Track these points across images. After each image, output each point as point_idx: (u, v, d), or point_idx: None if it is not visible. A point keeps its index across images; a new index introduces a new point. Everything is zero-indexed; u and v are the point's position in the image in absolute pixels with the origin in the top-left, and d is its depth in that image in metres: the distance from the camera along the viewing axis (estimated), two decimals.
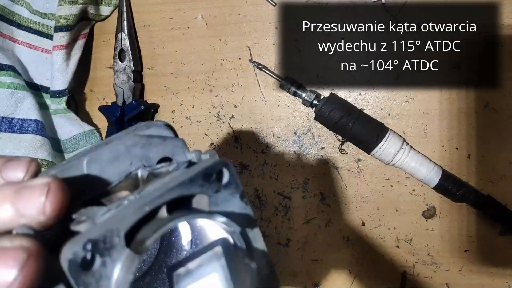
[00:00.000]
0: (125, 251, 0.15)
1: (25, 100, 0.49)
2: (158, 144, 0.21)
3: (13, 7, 0.51)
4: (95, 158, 0.19)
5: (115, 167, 0.19)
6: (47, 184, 0.15)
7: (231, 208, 0.19)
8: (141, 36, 0.52)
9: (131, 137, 0.20)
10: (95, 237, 0.14)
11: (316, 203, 0.49)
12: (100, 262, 0.14)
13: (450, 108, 0.45)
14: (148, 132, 0.21)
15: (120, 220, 0.15)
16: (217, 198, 0.18)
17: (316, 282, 0.50)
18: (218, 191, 0.18)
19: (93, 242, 0.14)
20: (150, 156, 0.21)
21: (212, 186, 0.18)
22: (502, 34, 0.43)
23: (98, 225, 0.15)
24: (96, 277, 0.14)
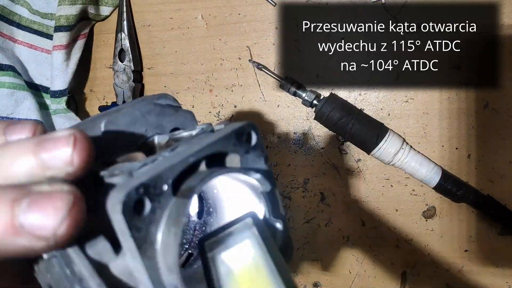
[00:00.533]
0: (172, 199, 0.15)
1: (25, 100, 0.49)
2: (171, 114, 0.21)
3: (13, 7, 0.51)
4: (112, 121, 0.19)
5: (132, 130, 0.20)
6: (72, 134, 0.15)
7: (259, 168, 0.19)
8: (141, 36, 0.52)
9: (146, 104, 0.20)
10: (146, 181, 0.14)
11: (316, 203, 0.49)
12: (150, 207, 0.15)
13: (450, 108, 0.45)
14: (159, 101, 0.21)
15: (168, 169, 0.15)
16: (247, 159, 0.19)
17: (316, 281, 0.50)
18: (248, 153, 0.19)
19: (145, 185, 0.14)
20: (163, 125, 0.21)
21: (243, 146, 0.19)
22: (502, 34, 0.43)
23: (148, 171, 0.15)
24: (146, 222, 0.14)
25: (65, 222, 0.14)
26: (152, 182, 0.15)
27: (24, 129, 0.17)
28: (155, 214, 0.15)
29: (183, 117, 0.22)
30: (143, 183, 0.14)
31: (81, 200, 0.14)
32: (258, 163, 0.20)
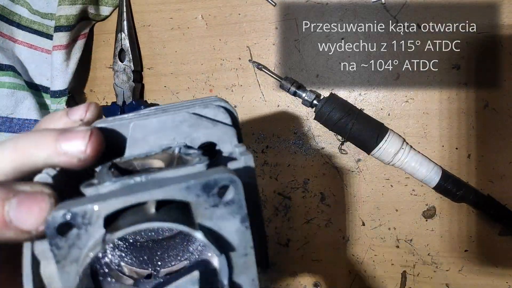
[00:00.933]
0: (101, 231, 0.16)
1: (25, 100, 0.49)
2: (207, 128, 0.21)
3: (13, 7, 0.51)
4: (141, 124, 0.20)
5: (158, 137, 0.20)
6: (89, 130, 0.19)
7: (227, 228, 0.17)
8: (141, 36, 0.52)
9: (182, 113, 0.20)
10: (76, 211, 0.15)
11: (316, 203, 0.49)
12: (76, 232, 0.16)
13: (450, 108, 0.45)
14: (203, 112, 0.21)
15: (107, 204, 0.16)
16: (213, 212, 0.17)
17: (316, 282, 0.50)
18: (216, 206, 0.17)
19: (72, 213, 0.15)
20: (194, 137, 0.21)
21: (210, 199, 0.16)
22: (502, 34, 0.43)
23: (85, 201, 0.16)
24: (68, 243, 0.16)
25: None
26: (81, 212, 0.15)
27: (80, 108, 0.21)
28: (80, 239, 0.16)
29: (221, 132, 0.21)
30: (71, 211, 0.15)
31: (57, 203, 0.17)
32: (228, 220, 0.17)
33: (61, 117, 0.21)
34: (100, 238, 0.16)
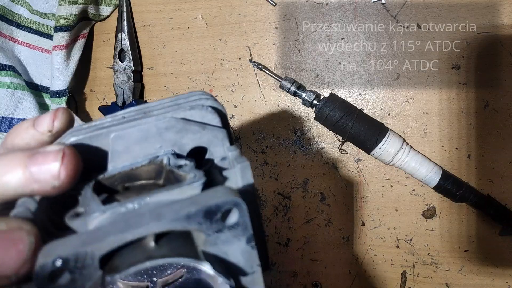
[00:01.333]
0: (98, 272, 0.14)
1: (25, 100, 0.49)
2: (195, 132, 0.19)
3: (13, 7, 0.51)
4: (122, 135, 0.18)
5: (142, 147, 0.18)
6: (61, 150, 0.16)
7: (232, 250, 0.16)
8: (141, 36, 0.52)
9: (167, 119, 0.19)
10: (67, 256, 0.14)
11: (316, 203, 0.49)
12: (69, 278, 0.14)
13: (450, 108, 0.45)
14: (189, 114, 0.19)
15: (102, 245, 0.14)
16: (217, 237, 0.16)
17: (316, 281, 0.50)
18: (220, 231, 0.16)
19: (64, 259, 0.14)
20: (183, 143, 0.19)
21: (214, 225, 0.15)
22: (502, 34, 0.43)
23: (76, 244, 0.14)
24: None
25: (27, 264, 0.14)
26: (73, 256, 0.14)
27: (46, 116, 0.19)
28: (76, 283, 0.14)
29: (211, 135, 0.19)
30: (61, 257, 0.14)
31: (40, 243, 0.15)
32: (234, 243, 0.16)
33: (27, 129, 0.19)
34: (98, 281, 0.14)
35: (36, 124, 0.19)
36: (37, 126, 0.19)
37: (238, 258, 0.16)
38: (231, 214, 0.15)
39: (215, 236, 0.16)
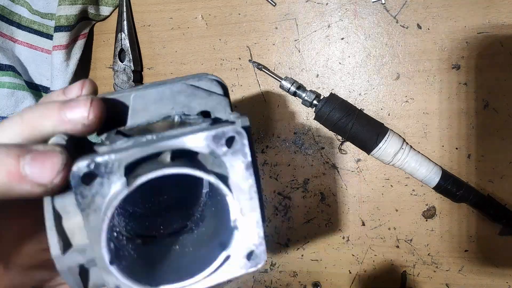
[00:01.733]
0: (122, 179, 0.18)
1: (25, 100, 0.49)
2: (203, 97, 0.23)
3: (13, 7, 0.51)
4: (141, 95, 0.22)
5: (158, 107, 0.22)
6: (90, 98, 0.20)
7: (234, 174, 0.19)
8: (141, 36, 0.53)
9: (179, 84, 0.22)
10: (99, 161, 0.17)
11: (316, 203, 0.49)
12: (99, 181, 0.17)
13: (450, 108, 0.45)
14: (198, 83, 0.23)
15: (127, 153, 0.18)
16: (221, 161, 0.19)
17: (316, 281, 0.50)
18: (224, 155, 0.19)
19: (96, 163, 0.17)
20: (191, 106, 0.23)
21: (219, 148, 0.19)
22: (502, 34, 0.44)
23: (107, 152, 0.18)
24: (92, 192, 0.17)
25: (60, 174, 0.18)
26: (104, 162, 0.17)
27: (75, 86, 0.22)
28: (103, 187, 0.17)
29: (215, 101, 0.23)
30: (95, 161, 0.17)
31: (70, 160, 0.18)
32: (234, 167, 0.19)
33: (58, 96, 0.22)
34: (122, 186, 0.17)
35: (66, 92, 0.22)
36: (67, 94, 0.22)
37: (238, 181, 0.19)
38: (234, 142, 0.19)
39: (220, 160, 0.19)
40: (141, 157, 0.18)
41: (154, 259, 0.22)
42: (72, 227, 0.20)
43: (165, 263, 0.21)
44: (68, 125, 0.20)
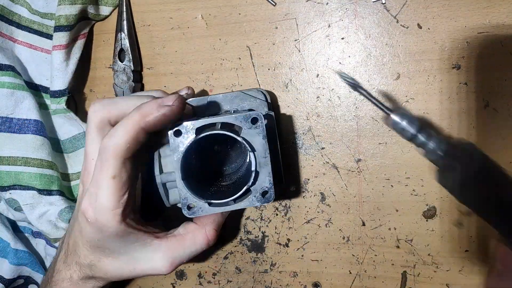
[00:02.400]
0: (193, 135, 0.35)
1: (25, 100, 0.49)
2: (250, 101, 0.43)
3: (12, 7, 0.52)
4: (214, 99, 0.43)
5: (223, 105, 0.43)
6: (178, 95, 0.36)
7: (255, 141, 0.36)
8: (141, 36, 0.53)
9: (237, 92, 0.42)
10: (184, 125, 0.35)
11: (316, 203, 0.50)
12: (182, 135, 0.35)
13: (450, 108, 0.46)
14: (248, 92, 0.43)
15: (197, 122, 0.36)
16: (248, 132, 0.36)
17: (316, 282, 0.50)
18: (250, 128, 0.35)
19: (182, 126, 0.35)
20: (243, 105, 0.43)
21: (247, 125, 0.35)
22: (503, 34, 0.44)
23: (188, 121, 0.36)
24: (178, 141, 0.35)
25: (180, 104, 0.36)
26: (185, 125, 0.35)
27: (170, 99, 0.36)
28: (183, 139, 0.35)
29: (257, 103, 0.43)
30: (182, 124, 0.35)
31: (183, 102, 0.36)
32: (256, 137, 0.36)
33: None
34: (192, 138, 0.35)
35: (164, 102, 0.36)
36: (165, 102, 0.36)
37: (258, 146, 0.36)
38: (257, 121, 0.35)
39: (247, 131, 0.35)
40: (204, 124, 0.35)
41: (209, 188, 0.40)
42: (165, 162, 0.40)
43: (214, 192, 0.39)
44: (162, 109, 0.35)
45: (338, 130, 0.48)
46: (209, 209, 0.37)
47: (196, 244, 0.40)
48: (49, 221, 0.49)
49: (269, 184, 0.36)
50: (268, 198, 0.37)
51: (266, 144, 0.36)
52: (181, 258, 0.40)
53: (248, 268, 0.52)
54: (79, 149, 0.53)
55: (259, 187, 0.36)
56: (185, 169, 0.36)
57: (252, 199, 0.37)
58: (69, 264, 0.41)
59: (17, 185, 0.49)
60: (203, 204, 0.37)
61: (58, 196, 0.49)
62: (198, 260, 0.54)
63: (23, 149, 0.48)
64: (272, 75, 0.50)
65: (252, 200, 0.37)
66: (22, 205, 0.49)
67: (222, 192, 0.38)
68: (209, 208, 0.37)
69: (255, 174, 0.36)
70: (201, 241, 0.40)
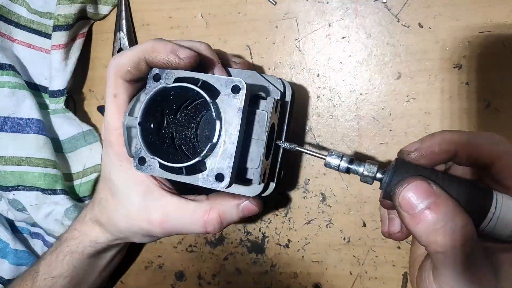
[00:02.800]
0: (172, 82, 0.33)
1: (26, 99, 0.49)
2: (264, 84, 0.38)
3: (11, 6, 0.52)
4: (230, 70, 0.40)
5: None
6: (193, 54, 0.35)
7: (229, 111, 0.32)
8: (140, 35, 0.53)
9: (252, 72, 0.39)
10: (165, 71, 0.34)
11: (316, 204, 0.50)
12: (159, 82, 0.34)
13: (451, 108, 0.45)
14: (266, 76, 0.39)
15: (179, 73, 0.34)
16: (225, 99, 0.32)
17: (317, 283, 0.50)
18: (228, 96, 0.32)
19: (162, 72, 0.34)
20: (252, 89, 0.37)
21: (227, 91, 0.32)
22: (504, 34, 0.44)
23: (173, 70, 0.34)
24: (154, 85, 0.34)
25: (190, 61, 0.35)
26: (167, 72, 0.34)
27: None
28: (160, 84, 0.34)
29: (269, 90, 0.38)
30: (163, 71, 0.34)
31: (194, 61, 0.35)
32: (231, 107, 0.32)
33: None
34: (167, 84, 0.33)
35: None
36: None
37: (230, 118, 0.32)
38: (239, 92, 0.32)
39: (224, 97, 0.32)
40: (185, 76, 0.33)
41: (172, 152, 0.35)
42: (138, 108, 0.35)
43: (173, 155, 0.34)
44: (176, 58, 0.34)
45: (339, 130, 0.48)
46: (159, 170, 0.33)
47: (192, 221, 0.38)
48: (55, 220, 0.49)
49: (227, 168, 0.31)
50: (220, 183, 0.31)
51: (240, 120, 0.31)
52: (173, 224, 0.38)
53: (248, 269, 0.52)
54: (79, 149, 0.53)
55: (216, 167, 0.31)
56: (147, 117, 0.33)
57: (204, 177, 0.32)
58: (87, 205, 0.44)
59: (21, 185, 0.49)
60: (154, 162, 0.33)
61: (63, 195, 0.49)
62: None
63: (27, 149, 0.48)
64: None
65: (204, 178, 0.32)
66: (26, 206, 0.49)
67: (179, 158, 0.34)
68: (159, 170, 0.33)
69: (211, 146, 0.31)
70: (199, 221, 0.37)
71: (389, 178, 0.32)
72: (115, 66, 0.36)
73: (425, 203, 0.28)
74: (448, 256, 0.27)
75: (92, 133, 0.53)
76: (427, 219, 0.28)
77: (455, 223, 0.27)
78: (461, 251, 0.27)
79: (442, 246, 0.27)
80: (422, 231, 0.28)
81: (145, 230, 0.39)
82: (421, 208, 0.28)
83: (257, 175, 0.34)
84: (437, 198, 0.28)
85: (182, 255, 0.54)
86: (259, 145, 0.34)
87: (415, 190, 0.28)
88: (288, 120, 0.40)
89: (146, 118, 0.33)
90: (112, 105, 0.37)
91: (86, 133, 0.53)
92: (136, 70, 0.36)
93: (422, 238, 0.28)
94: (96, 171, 0.54)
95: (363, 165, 0.33)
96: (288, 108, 0.40)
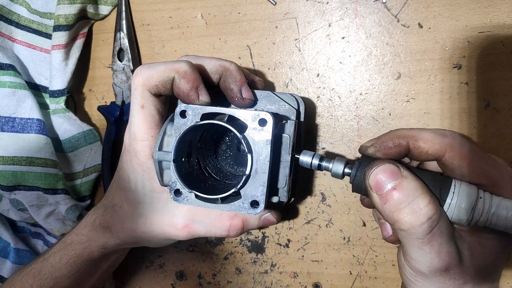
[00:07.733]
0: (198, 119, 0.35)
1: (26, 99, 0.51)
2: (279, 104, 0.41)
3: (12, 6, 0.53)
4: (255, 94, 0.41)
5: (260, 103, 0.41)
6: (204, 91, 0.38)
7: (259, 144, 0.34)
8: (140, 35, 0.54)
9: (267, 93, 0.41)
10: (191, 107, 0.36)
11: (316, 204, 0.51)
12: (187, 117, 0.36)
13: (451, 108, 0.47)
14: (281, 95, 0.41)
15: (206, 108, 0.35)
16: (253, 132, 0.34)
17: (317, 282, 0.52)
18: (255, 129, 0.34)
19: (189, 108, 0.36)
20: (270, 108, 0.41)
21: (254, 124, 0.34)
22: (503, 34, 0.45)
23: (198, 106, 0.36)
24: (182, 121, 0.36)
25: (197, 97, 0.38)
26: (193, 108, 0.35)
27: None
28: (188, 120, 0.36)
29: (285, 109, 0.41)
30: (189, 107, 0.36)
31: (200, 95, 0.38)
32: (259, 139, 0.34)
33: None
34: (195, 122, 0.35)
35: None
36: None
37: (259, 150, 0.34)
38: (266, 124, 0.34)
39: (252, 131, 0.34)
40: (212, 112, 0.35)
41: (205, 182, 0.39)
42: (168, 141, 0.38)
43: (204, 184, 0.38)
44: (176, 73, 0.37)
45: (338, 130, 0.50)
46: (195, 201, 0.36)
47: (217, 225, 0.40)
48: (57, 219, 0.50)
49: (261, 195, 0.34)
50: (256, 209, 0.35)
51: (269, 151, 0.34)
52: (197, 228, 0.40)
53: (248, 268, 0.54)
54: (79, 149, 0.54)
55: (250, 194, 0.35)
56: (180, 152, 0.35)
57: (240, 204, 0.35)
58: (97, 208, 0.45)
59: (22, 185, 0.50)
60: (190, 193, 0.36)
61: (64, 195, 0.51)
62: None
63: (27, 149, 0.50)
64: (272, 74, 0.51)
65: (239, 206, 0.35)
66: (27, 206, 0.50)
67: (214, 189, 0.37)
68: (195, 199, 0.36)
69: (246, 178, 0.34)
70: (223, 226, 0.40)
71: (355, 171, 0.36)
72: (145, 78, 0.38)
73: (392, 184, 0.31)
74: (410, 233, 0.31)
75: (92, 133, 0.54)
76: (393, 198, 0.31)
77: (418, 202, 0.30)
78: (421, 228, 0.30)
79: (404, 223, 0.30)
80: (388, 210, 0.31)
81: (168, 234, 0.41)
82: (388, 188, 0.31)
83: (284, 193, 0.37)
84: (404, 179, 0.31)
85: (182, 255, 0.55)
86: (284, 166, 0.37)
87: (384, 171, 0.32)
88: (303, 134, 0.43)
89: (178, 153, 0.36)
90: (139, 114, 0.39)
91: (86, 133, 0.54)
92: (163, 87, 0.38)
93: (389, 216, 0.31)
94: (96, 171, 0.55)
95: (332, 161, 0.37)
96: (302, 123, 0.43)
